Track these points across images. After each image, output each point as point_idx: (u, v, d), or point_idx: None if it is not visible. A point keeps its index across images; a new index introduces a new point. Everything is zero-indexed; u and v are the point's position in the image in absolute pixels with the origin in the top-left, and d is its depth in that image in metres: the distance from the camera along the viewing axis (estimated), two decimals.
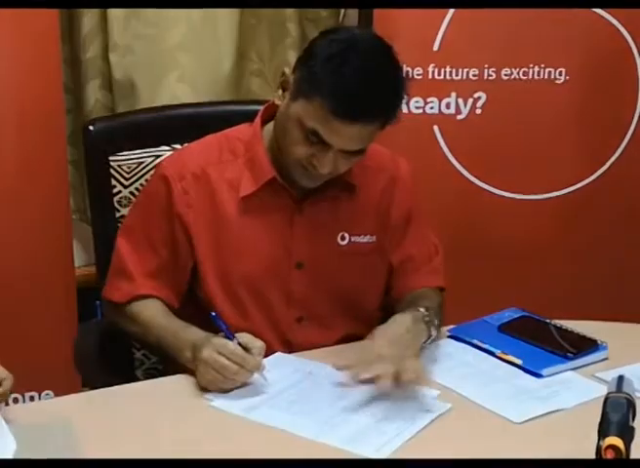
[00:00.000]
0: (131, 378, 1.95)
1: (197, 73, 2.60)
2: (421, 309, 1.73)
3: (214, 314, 1.64)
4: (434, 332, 1.73)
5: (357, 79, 1.60)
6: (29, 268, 2.36)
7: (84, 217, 2.70)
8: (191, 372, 1.66)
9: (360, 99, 1.60)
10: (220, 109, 2.17)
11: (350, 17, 2.74)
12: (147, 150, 1.99)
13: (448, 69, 2.45)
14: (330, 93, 1.60)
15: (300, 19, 2.73)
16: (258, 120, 1.81)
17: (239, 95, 2.67)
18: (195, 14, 2.54)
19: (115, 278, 1.83)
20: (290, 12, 2.72)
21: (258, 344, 1.62)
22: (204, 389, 1.63)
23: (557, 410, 1.59)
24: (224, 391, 1.61)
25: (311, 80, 1.63)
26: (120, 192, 1.99)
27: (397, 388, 1.56)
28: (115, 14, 2.52)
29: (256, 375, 1.62)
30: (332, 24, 2.71)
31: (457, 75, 2.46)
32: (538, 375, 1.70)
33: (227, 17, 2.60)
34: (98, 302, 2.74)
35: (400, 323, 1.69)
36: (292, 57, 2.71)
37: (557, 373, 1.71)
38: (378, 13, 2.40)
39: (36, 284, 2.38)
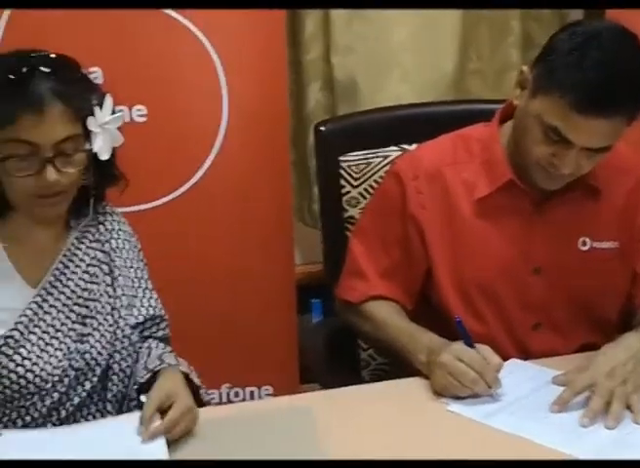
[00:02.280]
0: (356, 378, 1.96)
1: (419, 73, 2.57)
2: None
3: (459, 319, 1.61)
4: None
5: (598, 72, 1.53)
6: (251, 266, 2.40)
7: (301, 217, 2.73)
8: (423, 375, 1.65)
9: (601, 93, 1.54)
10: (446, 109, 2.16)
11: (575, 14, 2.65)
12: (376, 150, 2.00)
13: None
14: (570, 87, 1.54)
15: (524, 18, 2.66)
16: (495, 120, 1.77)
17: (458, 94, 2.63)
18: (418, 12, 2.52)
19: (349, 278, 1.83)
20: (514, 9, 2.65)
21: (496, 360, 1.58)
22: (438, 393, 1.61)
23: None
24: (459, 397, 1.59)
25: (551, 75, 1.58)
26: (349, 192, 1.99)
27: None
28: (338, 15, 2.53)
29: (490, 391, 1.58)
30: (556, 22, 2.63)
31: None
32: None
33: (450, 15, 2.57)
34: (313, 300, 2.81)
35: (626, 347, 1.61)
36: (514, 56, 2.66)
37: None
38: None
39: (258, 282, 2.42)
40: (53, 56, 1.56)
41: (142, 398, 1.52)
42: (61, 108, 1.49)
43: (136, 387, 1.60)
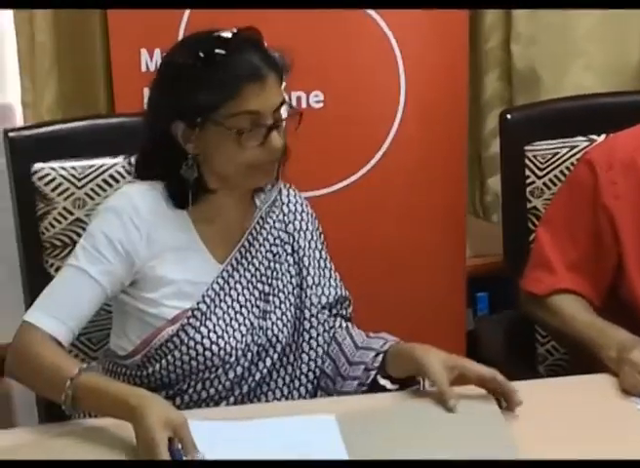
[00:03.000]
0: (533, 373, 1.90)
1: (604, 63, 2.50)
2: None
3: None
4: None
5: None
6: (422, 257, 2.38)
7: (472, 209, 2.68)
8: (610, 372, 1.59)
9: None
10: (634, 99, 2.07)
11: None
12: (563, 140, 1.94)
13: None
14: None
15: None
16: None
17: None
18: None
19: (535, 269, 1.78)
20: None
21: None
22: (627, 392, 1.54)
23: None
24: None
25: None
26: (533, 183, 1.94)
27: None
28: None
29: None
30: None
31: None
32: None
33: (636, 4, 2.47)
34: (479, 294, 2.76)
35: None
36: None
37: None
38: None
39: (428, 273, 2.39)
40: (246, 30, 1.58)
41: (384, 382, 1.57)
42: (275, 76, 1.53)
43: (371, 371, 1.59)
